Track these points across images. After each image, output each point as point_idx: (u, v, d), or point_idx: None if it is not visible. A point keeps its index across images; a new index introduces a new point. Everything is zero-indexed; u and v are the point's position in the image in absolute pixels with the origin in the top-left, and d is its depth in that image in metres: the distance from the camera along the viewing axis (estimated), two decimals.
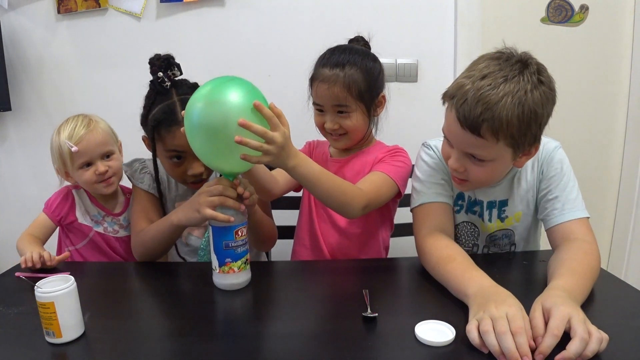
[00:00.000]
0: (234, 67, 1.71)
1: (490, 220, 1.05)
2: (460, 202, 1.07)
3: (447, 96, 0.89)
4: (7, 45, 1.73)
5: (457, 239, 1.09)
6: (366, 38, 1.24)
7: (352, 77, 1.08)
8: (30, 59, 1.77)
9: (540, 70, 0.85)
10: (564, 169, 0.99)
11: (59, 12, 1.72)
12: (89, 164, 1.15)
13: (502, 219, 1.05)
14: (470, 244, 1.09)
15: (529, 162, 1.01)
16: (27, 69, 1.78)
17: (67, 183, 1.22)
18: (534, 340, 0.64)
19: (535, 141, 0.88)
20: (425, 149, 1.09)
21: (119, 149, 1.26)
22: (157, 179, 1.15)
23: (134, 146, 1.20)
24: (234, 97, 0.81)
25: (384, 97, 1.18)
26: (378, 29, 1.69)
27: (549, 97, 0.85)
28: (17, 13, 1.73)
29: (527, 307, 0.72)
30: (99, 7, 1.71)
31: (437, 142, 1.05)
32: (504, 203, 1.04)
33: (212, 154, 0.86)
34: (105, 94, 1.77)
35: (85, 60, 1.77)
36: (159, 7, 1.71)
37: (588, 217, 0.95)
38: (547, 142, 1.02)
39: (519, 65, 0.83)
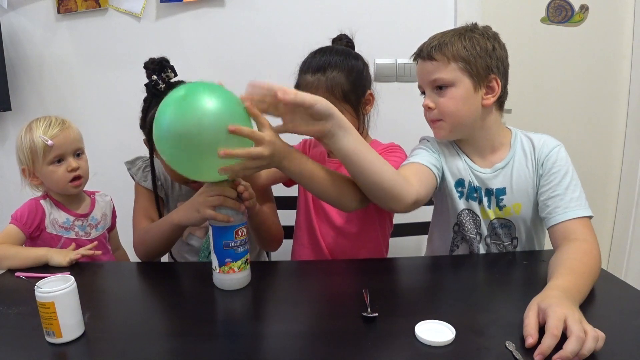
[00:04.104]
0: (234, 67, 1.71)
1: (489, 206, 1.06)
2: (460, 189, 1.08)
3: (413, 54, 1.07)
4: (7, 45, 1.73)
5: (461, 227, 1.10)
6: (355, 36, 1.22)
7: (335, 80, 1.07)
8: (30, 59, 1.77)
9: (487, 27, 1.02)
10: (566, 167, 1.00)
11: (59, 12, 1.72)
12: (60, 160, 1.14)
13: (500, 207, 1.06)
14: (473, 232, 1.09)
15: (524, 155, 1.04)
16: (27, 69, 1.78)
17: (28, 190, 1.19)
18: (525, 340, 0.66)
19: (489, 71, 0.99)
20: (422, 142, 1.14)
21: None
22: (153, 179, 1.16)
23: (133, 146, 1.20)
24: (210, 102, 0.77)
25: (371, 94, 1.16)
26: (378, 29, 1.70)
27: (492, 36, 1.01)
28: (17, 13, 1.73)
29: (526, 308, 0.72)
30: (99, 7, 1.71)
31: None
32: (501, 191, 1.05)
33: (186, 164, 0.82)
34: (105, 94, 1.77)
35: (85, 60, 1.77)
36: (159, 7, 1.71)
37: (591, 217, 0.95)
38: (547, 139, 1.04)
39: (466, 26, 1.03)
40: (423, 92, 1.05)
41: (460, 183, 1.08)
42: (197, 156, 0.78)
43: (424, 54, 1.01)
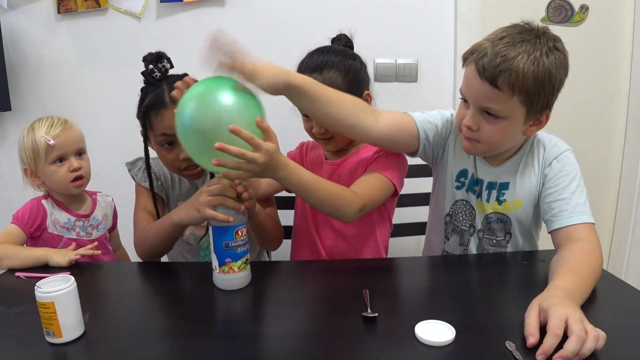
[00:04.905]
0: None
1: (488, 200, 1.05)
2: (462, 179, 1.07)
3: (467, 54, 0.94)
4: (7, 45, 1.73)
5: (455, 217, 1.10)
6: (355, 36, 1.22)
7: (331, 80, 1.06)
8: (30, 59, 1.77)
9: (556, 39, 0.90)
10: (574, 173, 0.98)
11: (59, 12, 1.72)
12: (61, 160, 1.15)
13: (499, 202, 1.04)
14: (467, 224, 1.09)
15: (532, 153, 1.02)
16: (27, 69, 1.78)
17: (29, 190, 1.20)
18: (526, 339, 0.66)
19: (547, 107, 0.91)
20: (445, 111, 1.11)
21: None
22: (149, 173, 1.16)
23: (134, 146, 1.20)
24: (227, 98, 0.82)
25: (369, 94, 1.16)
26: (378, 29, 1.70)
27: (562, 63, 0.89)
28: (17, 13, 1.73)
29: (527, 308, 0.72)
30: (99, 7, 1.71)
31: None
32: (504, 186, 1.03)
33: (203, 154, 0.86)
34: (105, 94, 1.77)
35: (85, 60, 1.77)
36: (159, 7, 1.71)
37: (594, 224, 0.94)
38: (558, 141, 1.03)
39: (535, 32, 0.89)
40: (464, 99, 0.96)
41: (463, 173, 1.07)
42: (208, 150, 0.81)
43: (486, 74, 0.86)
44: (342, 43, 1.18)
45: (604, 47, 1.82)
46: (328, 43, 1.19)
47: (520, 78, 0.84)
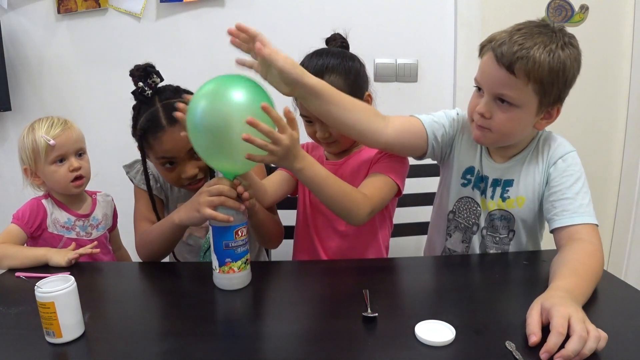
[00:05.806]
0: (234, 68, 1.71)
1: (492, 197, 1.06)
2: (468, 177, 1.08)
3: (485, 42, 0.96)
4: (7, 45, 1.73)
5: (458, 214, 1.10)
6: (355, 36, 1.21)
7: (333, 84, 1.04)
8: (30, 59, 1.77)
9: (571, 36, 0.92)
10: (579, 173, 0.98)
11: (59, 12, 1.72)
12: (62, 160, 1.15)
13: (503, 199, 1.05)
14: (470, 222, 1.09)
15: (537, 151, 1.02)
16: (27, 69, 1.78)
17: (29, 190, 1.20)
18: (528, 338, 0.66)
19: (558, 100, 0.93)
20: (453, 110, 1.11)
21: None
22: (148, 184, 1.17)
23: (134, 146, 1.20)
24: (238, 95, 0.82)
25: (369, 95, 1.16)
26: (378, 29, 1.70)
27: (577, 59, 0.91)
28: (17, 13, 1.73)
29: (528, 308, 0.72)
30: (99, 7, 1.71)
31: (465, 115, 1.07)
32: (508, 183, 1.04)
33: (214, 152, 0.86)
34: (105, 94, 1.77)
35: (85, 60, 1.77)
36: (159, 7, 1.71)
37: (597, 225, 0.94)
38: (564, 141, 1.03)
39: (551, 28, 0.92)
40: (478, 87, 0.98)
41: (470, 170, 1.07)
42: (225, 146, 0.83)
43: (504, 60, 0.88)
44: (338, 43, 1.17)
45: (604, 47, 1.81)
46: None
47: (536, 66, 0.87)
